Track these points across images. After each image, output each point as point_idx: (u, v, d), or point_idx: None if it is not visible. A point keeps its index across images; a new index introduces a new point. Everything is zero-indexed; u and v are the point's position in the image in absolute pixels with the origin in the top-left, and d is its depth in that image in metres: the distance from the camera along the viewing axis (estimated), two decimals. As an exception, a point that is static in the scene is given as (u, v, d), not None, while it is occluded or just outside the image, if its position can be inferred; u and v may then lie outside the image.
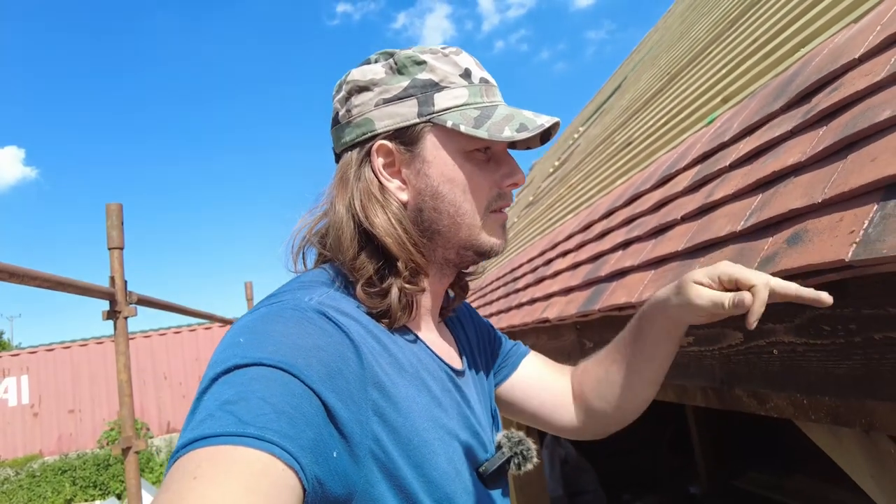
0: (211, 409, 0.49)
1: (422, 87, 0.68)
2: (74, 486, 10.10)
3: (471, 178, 0.70)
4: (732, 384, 1.13)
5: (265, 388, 0.50)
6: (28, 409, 11.40)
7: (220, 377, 0.52)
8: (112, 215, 2.50)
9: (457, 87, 0.69)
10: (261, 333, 0.56)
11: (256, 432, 0.46)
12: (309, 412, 0.51)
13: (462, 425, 0.70)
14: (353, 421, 0.56)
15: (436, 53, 0.71)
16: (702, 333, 1.18)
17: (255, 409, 0.48)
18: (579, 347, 1.83)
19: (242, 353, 0.53)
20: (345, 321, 0.61)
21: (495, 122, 0.68)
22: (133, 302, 2.49)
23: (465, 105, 0.68)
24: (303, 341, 0.55)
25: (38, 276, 1.79)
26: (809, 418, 1.05)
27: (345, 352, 0.58)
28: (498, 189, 0.73)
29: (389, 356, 0.64)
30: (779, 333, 0.96)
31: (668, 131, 2.39)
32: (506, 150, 0.75)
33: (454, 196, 0.69)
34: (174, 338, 12.18)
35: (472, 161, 0.70)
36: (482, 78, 0.72)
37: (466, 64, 0.71)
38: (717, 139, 1.45)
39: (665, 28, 5.81)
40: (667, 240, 1.32)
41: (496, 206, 0.73)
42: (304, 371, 0.53)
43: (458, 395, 0.73)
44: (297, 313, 0.59)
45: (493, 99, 0.72)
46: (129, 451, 2.36)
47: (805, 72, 1.21)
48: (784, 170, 0.99)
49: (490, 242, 0.73)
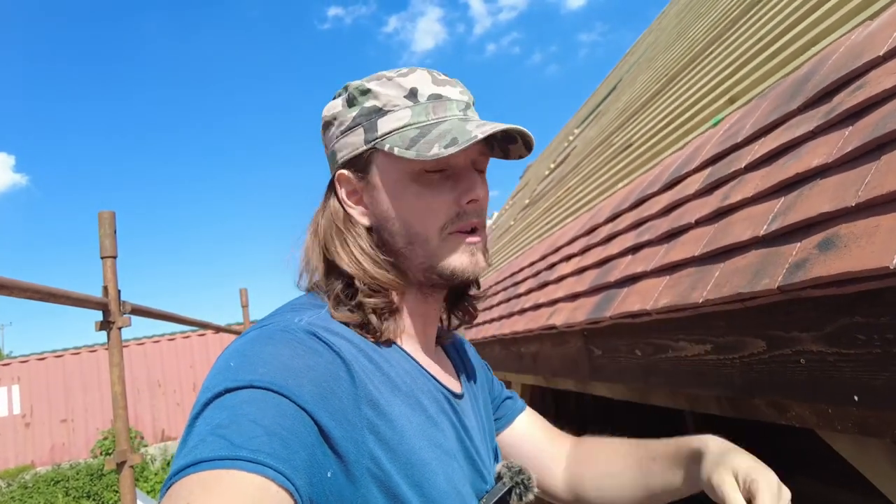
0: (203, 434, 0.49)
1: (367, 115, 0.69)
2: (67, 497, 9.96)
3: (419, 200, 0.68)
4: (753, 393, 1.09)
5: (257, 411, 0.50)
6: (20, 419, 11.24)
7: (211, 402, 0.52)
8: (105, 223, 2.44)
9: (400, 109, 0.68)
10: (251, 356, 0.56)
11: (249, 455, 0.47)
12: (302, 433, 0.51)
13: (459, 449, 0.69)
14: (348, 440, 0.55)
15: (381, 79, 0.71)
16: (720, 341, 1.14)
17: (247, 431, 0.48)
18: (586, 354, 1.79)
19: (233, 377, 0.53)
20: (335, 340, 0.61)
21: (429, 139, 0.65)
22: (127, 312, 2.43)
23: (406, 126, 0.67)
24: (293, 362, 0.55)
25: (28, 288, 1.73)
26: (835, 428, 1.01)
27: (336, 371, 0.58)
28: (457, 208, 0.69)
29: (382, 375, 0.63)
30: (805, 342, 0.92)
31: (670, 133, 2.36)
32: (468, 165, 0.70)
33: (404, 218, 0.69)
34: (168, 345, 12.06)
35: (422, 182, 0.68)
36: (433, 94, 0.69)
37: (414, 84, 0.69)
38: (728, 140, 1.42)
39: (660, 30, 5.80)
40: (680, 244, 1.29)
41: (456, 227, 0.69)
42: (296, 391, 0.53)
43: (455, 418, 0.71)
44: (286, 335, 0.59)
45: (443, 114, 0.69)
46: (124, 465, 2.29)
47: (822, 70, 1.17)
48: (808, 171, 0.95)
49: (451, 266, 0.69)
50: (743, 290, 0.93)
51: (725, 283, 1.01)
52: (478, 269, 0.71)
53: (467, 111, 0.71)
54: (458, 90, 0.72)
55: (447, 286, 0.75)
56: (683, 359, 1.30)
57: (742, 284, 0.95)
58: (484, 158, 0.73)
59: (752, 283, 0.92)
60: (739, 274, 0.98)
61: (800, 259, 0.84)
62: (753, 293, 0.91)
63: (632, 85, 4.76)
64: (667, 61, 3.84)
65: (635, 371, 1.52)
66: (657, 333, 1.36)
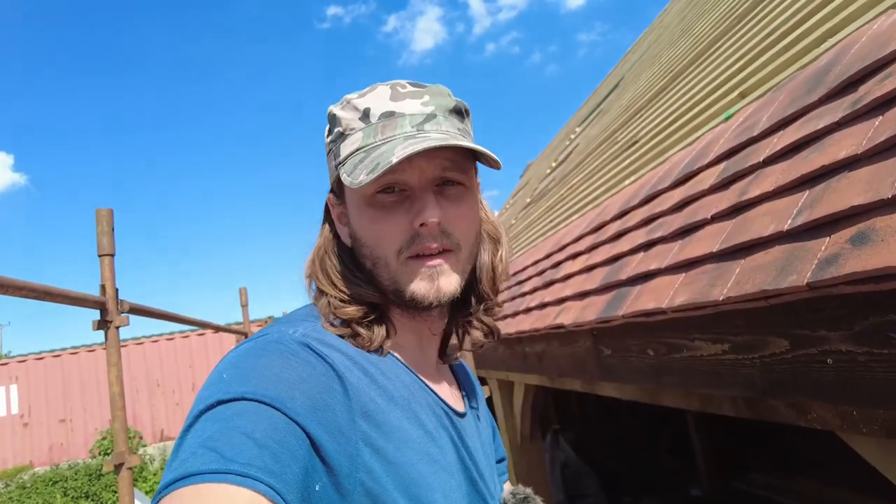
0: (193, 446, 0.48)
1: (334, 141, 0.71)
2: (66, 498, 9.90)
3: (374, 223, 0.67)
4: (775, 394, 1.05)
5: (248, 423, 0.50)
6: (18, 419, 11.18)
7: (202, 414, 0.51)
8: (102, 221, 2.39)
9: (355, 132, 0.68)
10: (244, 368, 0.56)
11: (240, 468, 0.46)
12: (293, 445, 0.51)
13: (459, 467, 0.68)
14: (342, 453, 0.55)
15: (343, 102, 0.71)
16: (739, 341, 1.11)
17: (238, 444, 0.48)
18: (595, 354, 1.75)
19: (225, 389, 0.53)
20: (329, 352, 0.60)
21: (364, 164, 0.64)
22: (125, 311, 2.39)
23: (356, 150, 0.67)
24: (286, 374, 0.55)
25: (24, 287, 1.69)
26: (859, 431, 0.97)
27: (330, 383, 0.57)
28: (411, 231, 0.66)
29: (378, 387, 0.62)
30: (834, 342, 0.88)
31: (678, 129, 2.32)
32: (422, 185, 0.66)
33: (366, 241, 0.69)
34: (167, 344, 12.00)
35: (376, 205, 0.67)
36: (385, 112, 0.67)
37: (368, 103, 0.68)
38: (743, 134, 1.38)
39: (662, 27, 5.76)
40: (696, 240, 1.25)
41: (412, 251, 0.66)
42: (288, 404, 0.52)
43: (455, 435, 0.70)
44: (279, 347, 0.59)
45: (390, 133, 0.66)
46: (122, 466, 2.25)
47: (843, 61, 1.14)
48: (834, 164, 0.92)
49: (410, 291, 0.66)
50: (768, 286, 0.89)
51: (748, 280, 0.97)
52: (440, 295, 0.67)
53: (425, 125, 0.67)
54: (420, 101, 0.68)
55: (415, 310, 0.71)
56: (699, 358, 1.26)
57: (766, 281, 0.91)
58: (455, 170, 0.68)
59: (778, 279, 0.88)
60: (763, 270, 0.94)
61: (830, 254, 0.80)
62: (779, 290, 0.87)
63: (635, 82, 4.72)
64: (671, 58, 3.80)
65: (647, 371, 1.48)
66: (671, 332, 1.32)
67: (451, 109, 0.69)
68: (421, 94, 0.69)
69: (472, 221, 0.71)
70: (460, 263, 0.69)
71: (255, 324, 9.65)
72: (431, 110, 0.68)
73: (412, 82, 0.71)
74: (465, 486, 0.67)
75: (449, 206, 0.67)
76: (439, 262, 0.67)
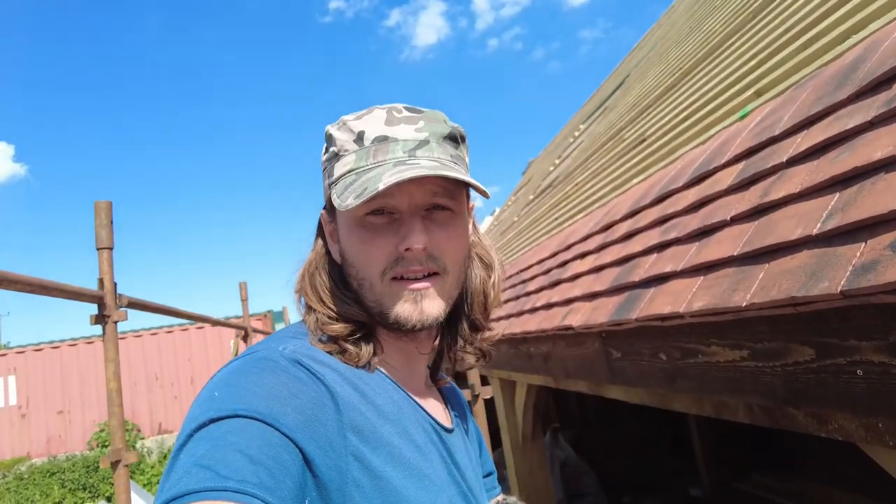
0: (187, 465, 0.48)
1: (329, 160, 0.72)
2: (63, 489, 9.88)
3: (361, 244, 0.68)
4: (797, 403, 1.01)
5: (242, 440, 0.50)
6: (16, 410, 11.16)
7: (195, 432, 0.51)
8: (101, 213, 2.35)
9: (349, 153, 0.69)
10: (235, 385, 0.56)
11: (236, 485, 0.46)
12: (287, 461, 0.51)
13: (449, 482, 0.69)
14: (332, 468, 0.55)
15: (339, 123, 0.72)
16: (760, 348, 1.06)
17: (232, 461, 0.48)
18: (604, 357, 1.71)
19: (217, 407, 0.53)
20: (320, 369, 0.61)
21: (353, 187, 0.66)
22: (123, 305, 2.34)
23: (348, 172, 0.68)
24: (277, 390, 0.55)
25: (19, 280, 1.65)
26: (885, 444, 0.93)
27: (321, 399, 0.58)
28: (396, 254, 0.67)
29: (368, 403, 0.63)
30: (865, 352, 0.84)
31: (690, 126, 2.27)
32: (410, 209, 0.67)
33: (353, 260, 0.69)
34: (166, 338, 11.96)
35: (365, 226, 0.68)
36: (378, 136, 0.69)
37: (363, 126, 0.70)
38: (763, 133, 1.34)
39: (670, 24, 5.70)
40: (715, 243, 1.20)
41: (396, 273, 0.67)
42: (281, 419, 0.52)
43: (444, 451, 0.71)
44: (270, 363, 0.59)
45: (382, 158, 0.67)
46: (119, 463, 2.21)
47: (873, 58, 1.09)
48: (868, 165, 0.87)
49: (394, 313, 0.67)
50: (797, 293, 0.85)
51: (773, 286, 0.92)
52: (424, 318, 0.68)
53: (416, 151, 0.68)
54: (415, 127, 0.69)
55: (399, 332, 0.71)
56: (715, 365, 1.22)
57: (795, 288, 0.86)
58: (444, 196, 0.69)
59: (808, 286, 0.84)
60: (790, 276, 0.90)
61: (868, 261, 0.75)
62: (809, 297, 0.83)
63: (642, 79, 4.67)
64: (680, 55, 3.75)
65: (658, 375, 1.44)
66: (686, 337, 1.28)
67: (445, 136, 0.70)
68: (416, 120, 0.70)
69: (461, 246, 0.72)
70: (447, 287, 0.70)
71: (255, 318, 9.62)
72: (425, 136, 0.69)
73: (409, 107, 0.71)
74: (455, 499, 0.68)
75: (437, 231, 0.68)
76: (425, 286, 0.68)
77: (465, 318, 0.79)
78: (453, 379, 0.95)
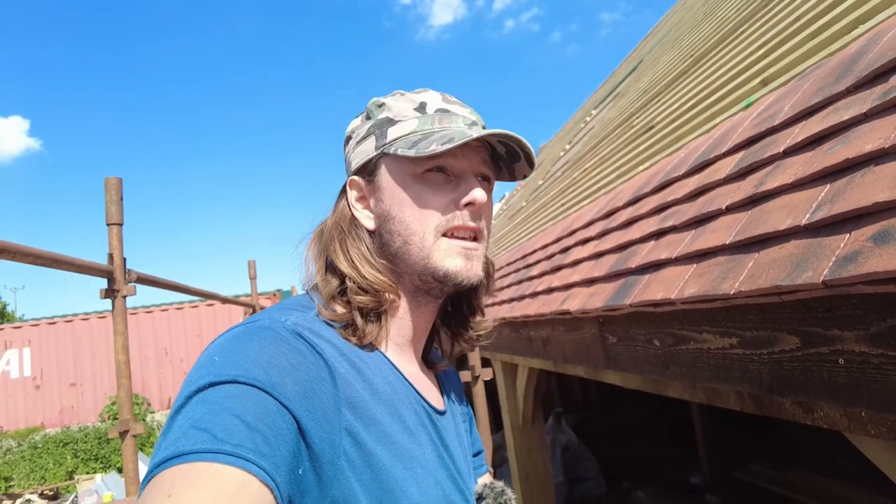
0: (184, 427, 0.49)
1: (379, 125, 0.74)
2: (76, 459, 10.13)
3: (418, 198, 0.71)
4: (782, 392, 1.03)
5: (240, 406, 0.50)
6: (30, 381, 11.42)
7: (194, 395, 0.52)
8: (111, 189, 2.39)
9: (408, 119, 0.73)
10: (236, 352, 0.56)
11: (232, 449, 0.47)
12: (283, 429, 0.52)
13: (438, 465, 0.70)
14: (326, 441, 0.56)
15: (395, 95, 0.77)
16: (749, 336, 1.08)
17: (229, 426, 0.48)
18: (601, 342, 1.74)
19: (217, 371, 0.53)
20: (319, 342, 0.62)
21: (430, 140, 0.69)
22: (132, 280, 2.39)
23: (412, 132, 0.72)
24: (277, 360, 0.56)
25: (31, 253, 1.69)
26: (868, 433, 0.95)
27: (319, 372, 0.59)
28: (455, 209, 0.71)
29: (364, 380, 0.64)
30: (847, 342, 0.86)
31: (696, 115, 2.26)
32: (468, 171, 0.73)
33: (402, 216, 0.71)
34: (176, 313, 12.14)
35: (424, 182, 0.71)
36: (440, 109, 0.74)
37: (424, 99, 0.75)
38: (764, 123, 1.34)
39: (685, 9, 5.62)
40: (709, 231, 1.21)
41: (449, 228, 0.71)
42: (279, 388, 0.53)
43: (434, 433, 0.73)
44: (271, 333, 0.60)
45: (448, 124, 0.73)
46: (127, 434, 2.28)
47: (874, 49, 1.09)
48: (860, 157, 0.88)
49: (444, 266, 0.71)
50: (781, 282, 0.86)
51: (761, 275, 0.94)
52: (471, 275, 0.72)
53: (472, 127, 0.74)
54: (468, 110, 0.76)
55: (441, 292, 0.75)
56: (706, 351, 1.24)
57: (780, 277, 0.88)
58: (489, 170, 0.76)
59: (793, 275, 0.85)
60: (777, 265, 0.92)
61: (850, 252, 0.77)
62: (793, 286, 0.84)
63: (654, 66, 4.62)
64: (693, 42, 3.71)
65: (652, 361, 1.46)
66: (679, 324, 1.30)
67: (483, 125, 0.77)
68: (464, 105, 0.77)
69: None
70: (483, 254, 0.75)
71: (264, 296, 9.72)
72: (476, 118, 0.77)
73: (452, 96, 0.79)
74: (443, 481, 0.70)
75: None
76: (475, 246, 0.73)
77: (466, 304, 0.84)
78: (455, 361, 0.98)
